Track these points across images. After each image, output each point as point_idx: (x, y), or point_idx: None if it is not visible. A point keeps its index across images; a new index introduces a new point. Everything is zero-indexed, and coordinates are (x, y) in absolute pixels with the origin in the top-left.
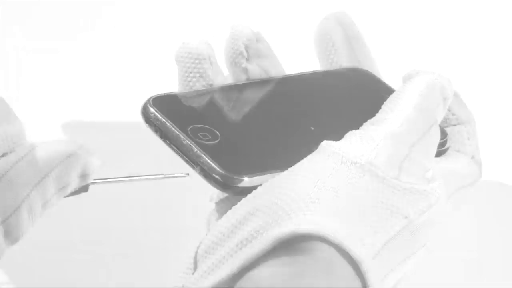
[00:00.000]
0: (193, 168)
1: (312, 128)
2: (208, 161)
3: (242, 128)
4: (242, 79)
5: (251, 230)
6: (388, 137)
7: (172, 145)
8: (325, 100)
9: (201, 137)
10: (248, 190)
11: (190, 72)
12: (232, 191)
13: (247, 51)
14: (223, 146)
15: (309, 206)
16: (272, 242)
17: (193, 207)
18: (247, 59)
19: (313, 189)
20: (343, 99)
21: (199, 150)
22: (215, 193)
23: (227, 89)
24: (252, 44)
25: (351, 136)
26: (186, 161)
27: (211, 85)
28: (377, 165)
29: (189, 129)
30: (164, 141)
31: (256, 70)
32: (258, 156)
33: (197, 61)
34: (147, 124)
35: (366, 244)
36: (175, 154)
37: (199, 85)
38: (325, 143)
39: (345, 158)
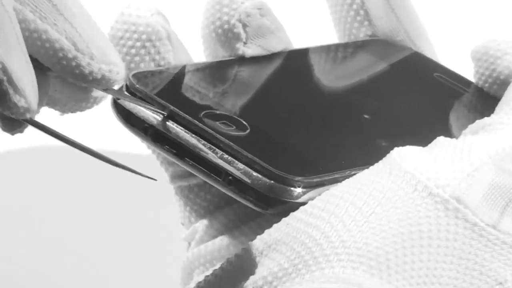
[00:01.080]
0: (213, 178)
1: (366, 117)
2: (253, 159)
3: (275, 115)
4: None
5: (263, 278)
6: (496, 160)
7: (176, 145)
8: (369, 80)
9: (223, 127)
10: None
11: (134, 55)
12: (283, 208)
13: (245, 31)
14: (258, 141)
15: (350, 255)
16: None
17: None
18: (245, 42)
19: (362, 227)
20: (391, 79)
21: (231, 144)
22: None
23: (235, 63)
24: (254, 21)
25: (439, 147)
26: (198, 168)
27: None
28: (469, 204)
29: (201, 115)
30: (157, 141)
31: (256, 53)
32: (315, 153)
33: (142, 42)
34: (124, 120)
35: None
36: (175, 158)
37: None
38: (397, 154)
39: (421, 185)
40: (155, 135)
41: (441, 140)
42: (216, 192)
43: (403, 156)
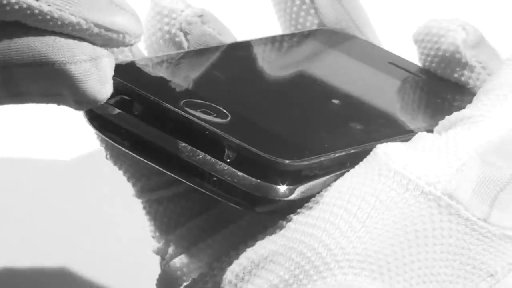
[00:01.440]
0: (196, 181)
1: (336, 102)
2: (245, 146)
3: (252, 102)
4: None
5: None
6: (482, 153)
7: (155, 150)
8: (330, 68)
9: (203, 115)
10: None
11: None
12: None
13: (187, 39)
14: (240, 127)
15: (350, 261)
16: None
17: None
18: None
19: (359, 232)
20: (350, 68)
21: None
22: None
23: (204, 53)
24: (195, 29)
25: (423, 143)
26: (181, 173)
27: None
28: (461, 199)
29: (182, 103)
30: (136, 147)
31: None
32: (298, 137)
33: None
34: (99, 127)
35: None
36: (156, 164)
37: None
38: (382, 152)
39: (412, 184)
40: (134, 141)
41: (423, 136)
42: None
43: (389, 155)
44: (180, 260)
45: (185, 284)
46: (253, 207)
